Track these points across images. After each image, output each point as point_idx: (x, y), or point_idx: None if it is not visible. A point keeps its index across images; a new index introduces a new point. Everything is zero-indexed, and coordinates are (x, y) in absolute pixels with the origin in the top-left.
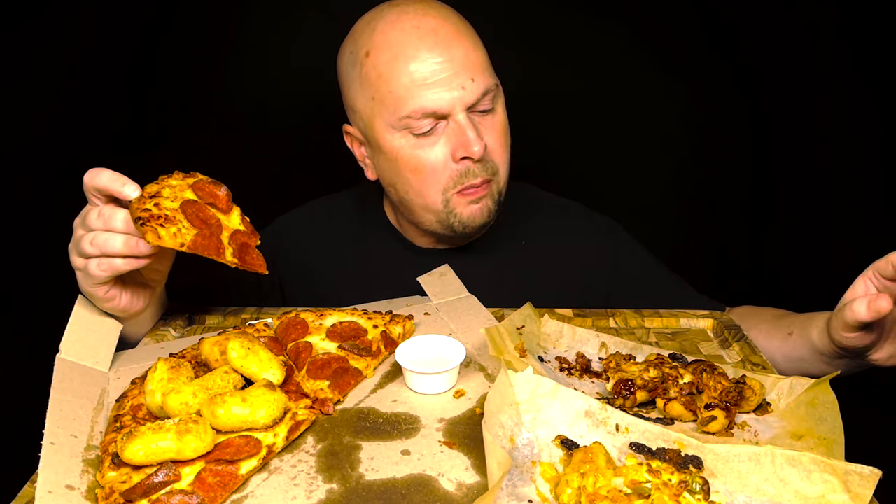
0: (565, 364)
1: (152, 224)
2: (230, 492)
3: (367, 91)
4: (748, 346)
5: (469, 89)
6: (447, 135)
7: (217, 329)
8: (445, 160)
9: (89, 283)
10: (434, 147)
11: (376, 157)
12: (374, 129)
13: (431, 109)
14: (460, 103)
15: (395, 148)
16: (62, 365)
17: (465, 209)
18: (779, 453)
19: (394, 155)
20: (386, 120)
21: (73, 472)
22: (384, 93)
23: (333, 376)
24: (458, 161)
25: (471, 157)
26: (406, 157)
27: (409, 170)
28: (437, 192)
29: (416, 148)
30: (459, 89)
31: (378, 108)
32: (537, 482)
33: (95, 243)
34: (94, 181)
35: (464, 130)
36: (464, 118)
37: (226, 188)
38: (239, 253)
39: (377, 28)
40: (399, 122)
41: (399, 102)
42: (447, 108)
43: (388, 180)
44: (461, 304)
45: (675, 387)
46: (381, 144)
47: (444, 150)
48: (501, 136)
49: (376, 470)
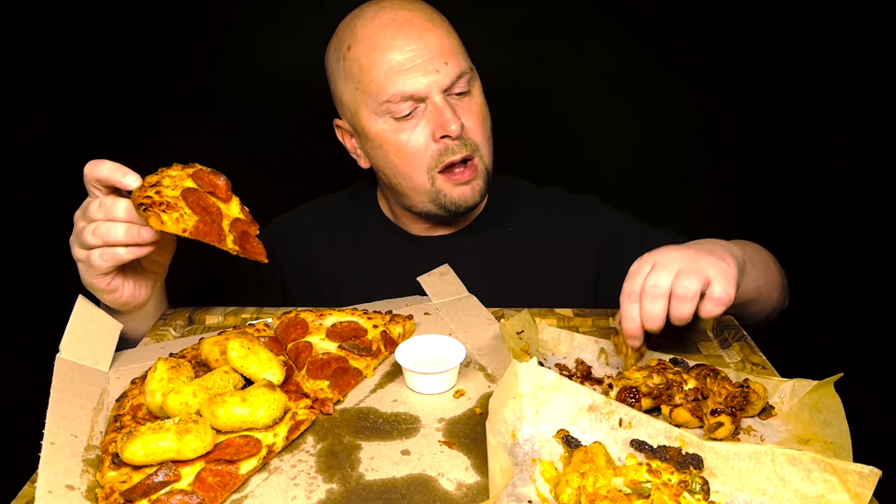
0: (565, 371)
1: (154, 210)
2: (230, 492)
3: (351, 83)
4: (748, 346)
5: (444, 72)
6: (426, 117)
7: (217, 329)
8: (426, 141)
9: (91, 275)
10: (415, 130)
11: (365, 145)
12: (359, 118)
13: (409, 93)
14: (436, 86)
15: (379, 133)
16: (62, 365)
17: (454, 190)
18: (779, 452)
19: (379, 140)
20: (369, 107)
21: (73, 472)
22: (366, 82)
23: (333, 376)
24: (437, 141)
25: (449, 136)
26: (390, 142)
27: (394, 153)
28: (422, 172)
29: (399, 132)
30: (434, 73)
31: (361, 98)
32: (537, 482)
33: (97, 233)
34: (94, 172)
35: (441, 111)
36: (440, 100)
37: (225, 178)
38: (239, 241)
39: (357, 24)
40: (380, 108)
41: (379, 89)
42: (424, 91)
43: (378, 166)
44: (461, 304)
45: (679, 393)
46: (367, 131)
47: (425, 132)
48: (479, 118)
49: (376, 470)
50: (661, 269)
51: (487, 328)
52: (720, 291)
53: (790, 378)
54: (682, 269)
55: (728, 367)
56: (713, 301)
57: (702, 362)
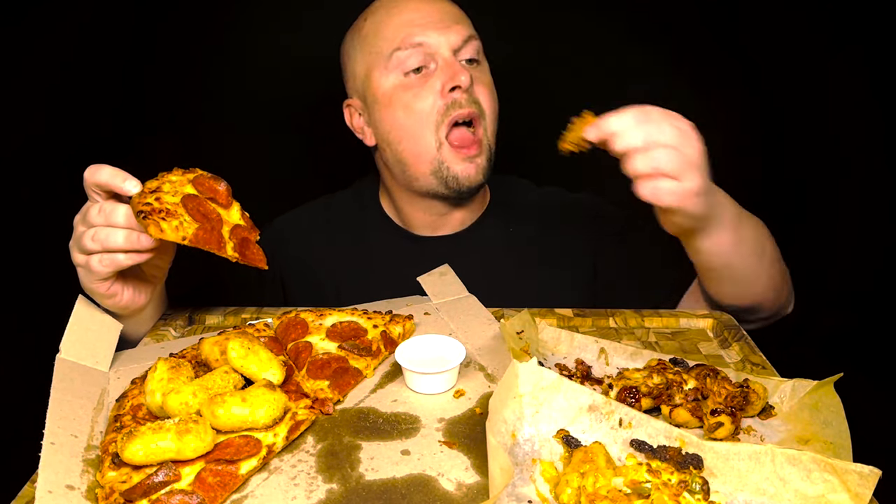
0: (565, 371)
1: (154, 217)
2: (230, 492)
3: (365, 48)
4: (748, 346)
5: (454, 32)
6: (436, 75)
7: (217, 329)
8: (434, 97)
9: (91, 280)
10: (424, 86)
11: (373, 114)
12: (370, 82)
13: (420, 40)
14: (447, 43)
15: (388, 91)
16: (62, 365)
17: (458, 165)
18: (779, 452)
19: (388, 99)
20: (381, 65)
21: (73, 472)
22: (379, 42)
23: (333, 376)
24: (445, 95)
25: (459, 87)
26: (399, 99)
27: (402, 109)
28: (430, 131)
29: (408, 88)
30: (445, 31)
31: (374, 58)
32: (537, 482)
33: (97, 239)
34: (94, 177)
35: (451, 65)
36: (450, 56)
37: (225, 183)
38: (239, 247)
39: (376, 1)
40: (391, 62)
41: (392, 39)
42: (434, 45)
43: (384, 136)
44: (461, 304)
45: (679, 393)
46: (377, 93)
47: (434, 87)
48: (487, 87)
49: (376, 470)
50: (651, 129)
51: (487, 328)
52: (693, 183)
53: (790, 378)
54: (669, 144)
55: (728, 367)
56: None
57: (702, 362)
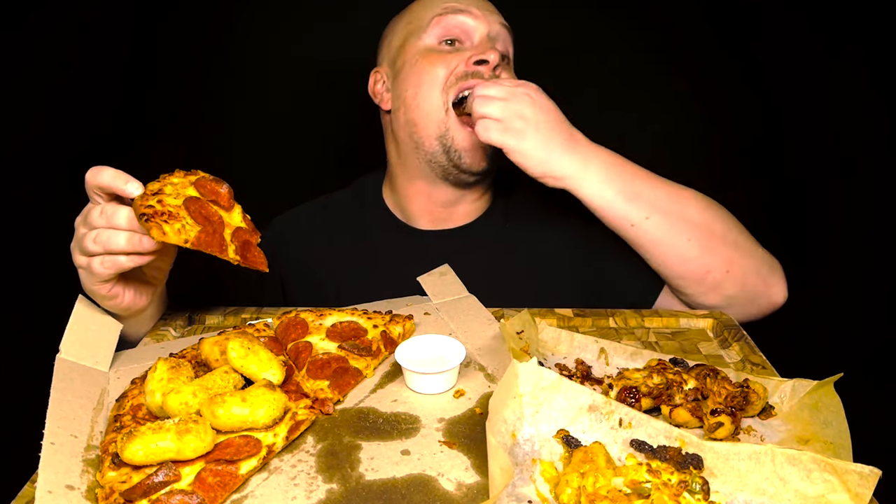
0: (565, 371)
1: (156, 220)
2: (230, 492)
3: (405, 21)
4: (748, 345)
5: (492, 21)
6: (467, 50)
7: (217, 329)
8: (459, 60)
9: (92, 282)
10: (455, 54)
11: (398, 76)
12: (404, 49)
13: (461, 19)
14: (484, 24)
15: (418, 52)
16: (62, 365)
17: (463, 138)
18: (779, 452)
19: (415, 59)
20: (418, 32)
21: (73, 472)
22: (421, 12)
23: (333, 376)
24: (469, 64)
25: (485, 62)
26: (426, 58)
27: (426, 67)
28: (439, 91)
29: (438, 53)
30: (486, 16)
31: (413, 28)
32: (537, 482)
33: (99, 241)
34: (96, 179)
35: (483, 43)
36: (486, 38)
37: (227, 186)
38: (241, 250)
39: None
40: (429, 29)
41: (433, 12)
42: (473, 24)
43: (400, 94)
44: (461, 304)
45: (679, 393)
46: (406, 54)
47: (461, 57)
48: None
49: (376, 470)
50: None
51: (487, 328)
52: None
53: (790, 378)
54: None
55: (728, 367)
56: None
57: (702, 362)
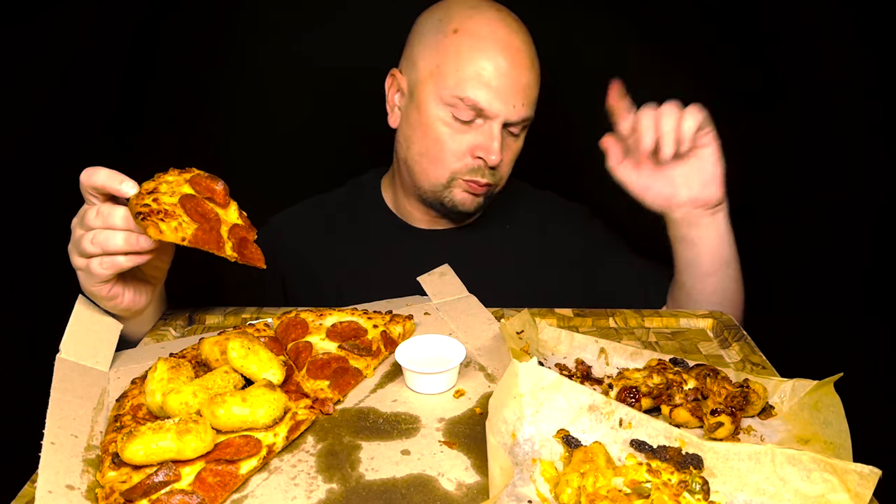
0: (565, 371)
1: (153, 219)
2: (230, 492)
3: (437, 58)
4: (748, 345)
5: (516, 110)
6: (478, 132)
7: (217, 329)
8: (465, 150)
9: (92, 283)
10: (464, 136)
11: (410, 110)
12: (423, 90)
13: (481, 107)
14: (503, 116)
15: (432, 116)
16: (62, 365)
17: (461, 195)
18: (779, 452)
19: (428, 120)
20: (439, 90)
21: (73, 472)
22: (451, 69)
23: (333, 376)
24: (474, 157)
25: (485, 161)
26: (437, 130)
27: (434, 138)
28: (446, 170)
29: (450, 126)
30: (511, 107)
31: (438, 78)
32: (537, 482)
33: (96, 242)
34: (90, 180)
35: (493, 139)
36: (497, 130)
37: (223, 183)
38: (238, 247)
39: (475, 17)
40: (449, 99)
41: (459, 85)
42: (494, 113)
43: (407, 134)
44: (461, 304)
45: (679, 393)
46: (422, 105)
47: (469, 142)
48: (514, 156)
49: (376, 470)
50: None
51: (487, 328)
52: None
53: (790, 378)
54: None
55: (728, 367)
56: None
57: (702, 362)
